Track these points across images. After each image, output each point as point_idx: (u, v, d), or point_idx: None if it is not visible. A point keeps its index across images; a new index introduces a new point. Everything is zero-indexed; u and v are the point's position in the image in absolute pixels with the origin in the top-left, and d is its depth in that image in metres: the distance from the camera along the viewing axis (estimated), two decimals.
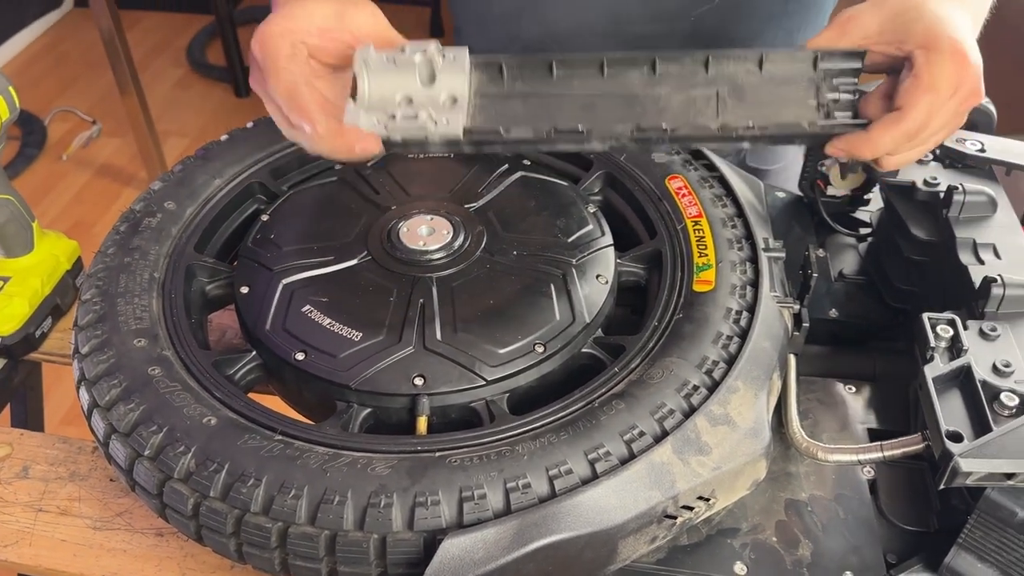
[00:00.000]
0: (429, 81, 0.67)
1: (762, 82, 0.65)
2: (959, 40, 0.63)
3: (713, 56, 0.66)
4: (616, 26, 0.97)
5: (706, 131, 0.64)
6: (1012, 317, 0.67)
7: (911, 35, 0.65)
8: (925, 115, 0.64)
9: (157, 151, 2.72)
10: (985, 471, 0.56)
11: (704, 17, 0.95)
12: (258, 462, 0.61)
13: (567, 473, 0.60)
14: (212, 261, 0.80)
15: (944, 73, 0.63)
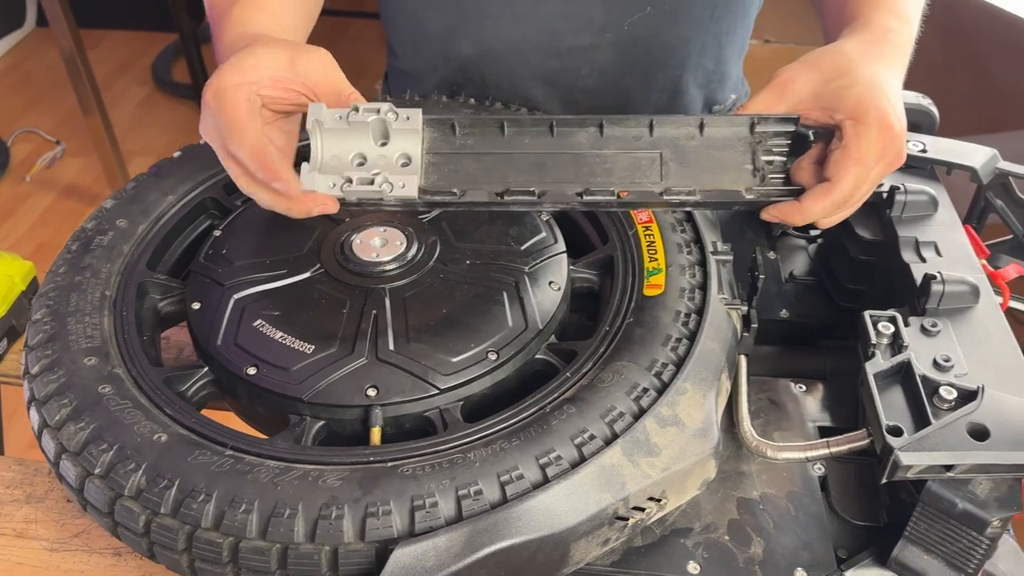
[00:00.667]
0: (383, 141, 0.69)
1: (702, 145, 0.69)
2: (886, 111, 0.67)
3: (656, 120, 0.70)
4: (551, 40, 0.99)
5: (651, 197, 0.67)
6: (952, 313, 0.69)
7: (842, 104, 0.68)
8: (853, 186, 0.68)
9: (122, 171, 2.70)
10: (925, 464, 0.57)
11: (636, 26, 0.97)
12: (208, 477, 0.61)
13: (518, 479, 0.60)
14: (164, 278, 0.80)
15: (871, 146, 0.67)
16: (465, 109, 0.96)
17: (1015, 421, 0.58)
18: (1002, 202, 0.85)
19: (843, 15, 0.78)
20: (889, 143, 0.67)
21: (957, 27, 2.93)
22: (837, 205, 0.69)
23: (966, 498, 0.59)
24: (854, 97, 0.67)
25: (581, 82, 1.02)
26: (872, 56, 0.71)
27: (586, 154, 0.69)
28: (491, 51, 1.01)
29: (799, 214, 0.70)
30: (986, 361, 0.64)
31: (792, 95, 0.70)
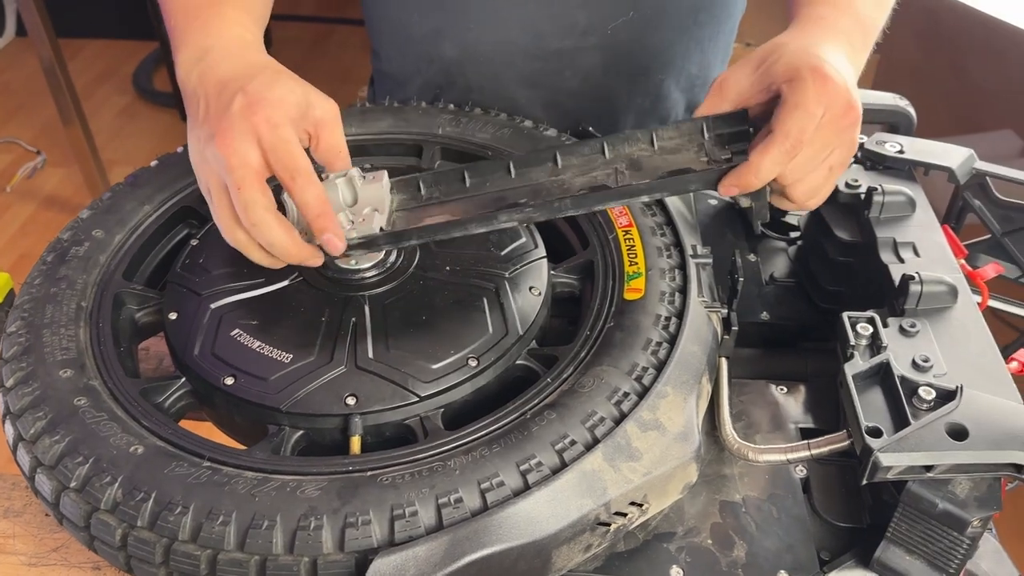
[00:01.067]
0: (352, 201, 0.72)
1: (655, 154, 0.71)
2: (820, 66, 0.66)
3: (608, 141, 0.72)
4: (535, 42, 0.99)
5: (605, 191, 0.68)
6: (931, 313, 0.69)
7: (775, 75, 0.68)
8: (797, 131, 0.66)
9: (103, 180, 2.68)
10: (905, 464, 0.57)
11: (619, 30, 0.98)
12: (185, 489, 0.60)
13: (499, 485, 0.60)
14: (141, 288, 0.79)
15: (808, 92, 0.66)
16: (444, 115, 0.96)
17: (993, 420, 0.58)
18: (979, 202, 0.85)
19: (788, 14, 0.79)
20: (829, 89, 0.66)
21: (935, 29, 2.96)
22: (787, 153, 0.67)
23: (946, 498, 0.59)
24: (784, 64, 0.68)
25: (564, 85, 1.02)
26: (800, 38, 0.71)
27: (544, 182, 0.71)
28: (474, 53, 1.01)
29: (750, 172, 0.68)
30: (965, 361, 0.65)
31: (731, 90, 0.71)
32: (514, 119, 0.96)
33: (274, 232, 0.67)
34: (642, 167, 0.70)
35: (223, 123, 0.66)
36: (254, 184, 0.66)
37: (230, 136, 0.66)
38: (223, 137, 0.66)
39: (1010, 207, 0.85)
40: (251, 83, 0.68)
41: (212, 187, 0.69)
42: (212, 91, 0.70)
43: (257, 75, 0.69)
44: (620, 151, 0.71)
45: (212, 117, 0.68)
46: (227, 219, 0.68)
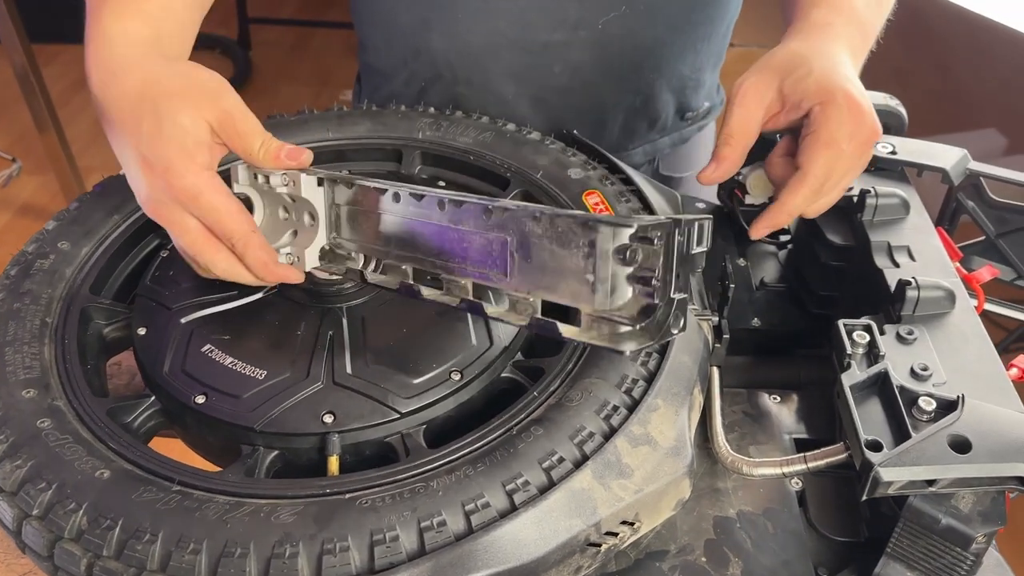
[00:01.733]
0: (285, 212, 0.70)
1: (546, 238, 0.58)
2: (851, 90, 0.67)
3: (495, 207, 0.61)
4: (524, 34, 0.97)
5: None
6: (928, 319, 0.67)
7: (807, 92, 0.67)
8: (826, 169, 0.67)
9: (80, 187, 2.64)
10: (906, 479, 0.55)
11: (611, 24, 0.95)
12: (154, 516, 0.57)
13: (484, 507, 0.57)
14: (109, 302, 0.76)
15: (841, 125, 0.67)
16: (424, 119, 0.93)
17: (996, 431, 0.56)
18: (973, 203, 0.83)
19: (786, 15, 0.79)
20: (860, 119, 0.67)
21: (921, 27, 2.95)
22: (815, 191, 0.68)
23: (949, 513, 0.56)
24: (815, 83, 0.67)
25: (553, 80, 1.00)
26: (817, 48, 0.71)
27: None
28: (462, 45, 0.99)
29: (782, 214, 0.70)
30: (964, 369, 0.63)
31: (755, 101, 0.70)
32: (496, 122, 0.93)
33: (245, 278, 0.68)
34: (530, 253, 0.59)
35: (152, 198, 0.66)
36: (205, 247, 0.66)
37: (162, 213, 0.66)
38: (157, 213, 0.66)
39: (1004, 208, 0.83)
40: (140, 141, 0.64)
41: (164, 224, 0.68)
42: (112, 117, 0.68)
43: (140, 123, 0.64)
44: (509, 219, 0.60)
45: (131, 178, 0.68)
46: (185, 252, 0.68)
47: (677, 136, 1.12)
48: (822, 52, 0.70)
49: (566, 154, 0.88)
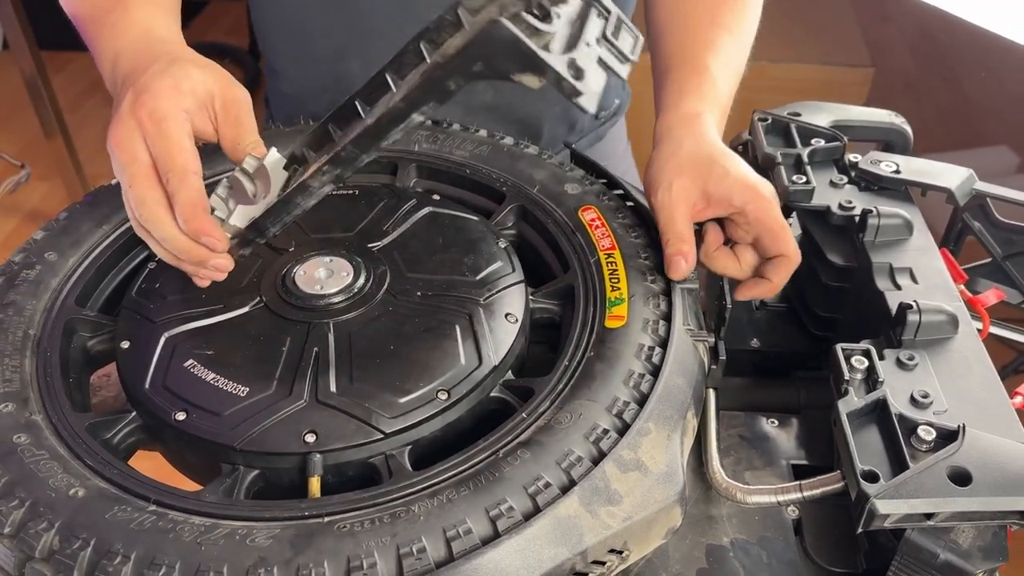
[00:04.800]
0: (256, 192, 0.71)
1: None
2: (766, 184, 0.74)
3: None
4: None
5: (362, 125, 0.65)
6: (930, 344, 0.65)
7: (733, 192, 0.73)
8: (796, 248, 0.74)
9: None
10: (903, 512, 0.53)
11: None
12: (127, 536, 0.55)
13: (466, 533, 0.56)
14: (95, 315, 0.75)
15: (777, 210, 0.74)
16: (421, 131, 0.91)
17: (998, 463, 0.54)
18: (980, 224, 0.81)
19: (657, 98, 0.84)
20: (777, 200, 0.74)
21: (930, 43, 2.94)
22: (794, 268, 0.74)
23: (948, 548, 0.54)
24: (736, 182, 0.73)
25: (478, 99, 1.02)
26: (706, 143, 0.76)
27: None
28: None
29: (772, 289, 0.75)
30: (966, 396, 0.61)
31: (687, 202, 0.74)
32: (493, 136, 0.92)
33: (165, 227, 0.66)
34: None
35: (115, 119, 0.67)
36: (143, 180, 0.65)
37: (118, 133, 0.66)
38: (113, 134, 0.66)
39: (1011, 229, 0.81)
40: (143, 76, 0.67)
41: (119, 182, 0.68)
42: (122, 95, 0.69)
43: (152, 65, 0.68)
44: None
45: (113, 116, 0.68)
46: (129, 215, 0.68)
47: (594, 135, 1.14)
48: (715, 149, 0.76)
49: (563, 169, 0.87)
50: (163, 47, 0.72)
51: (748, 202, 0.73)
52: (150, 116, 0.65)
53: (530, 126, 1.05)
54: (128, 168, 0.65)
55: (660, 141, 0.79)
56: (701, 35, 0.86)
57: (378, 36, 0.97)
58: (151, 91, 0.66)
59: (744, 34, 0.88)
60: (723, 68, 0.84)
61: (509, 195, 0.85)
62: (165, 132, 0.65)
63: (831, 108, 0.86)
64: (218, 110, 0.68)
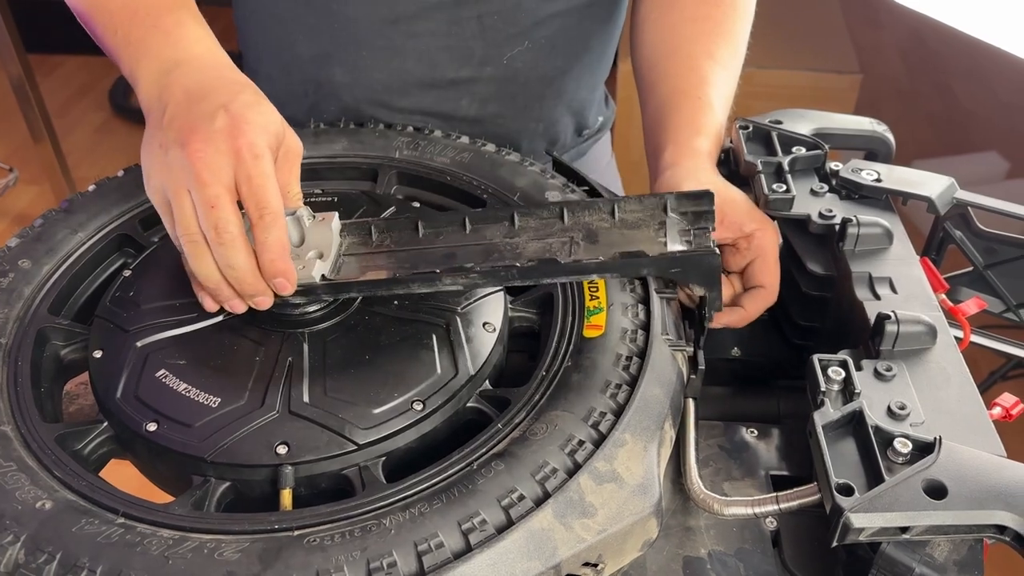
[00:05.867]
0: (298, 242, 0.69)
1: (615, 227, 0.69)
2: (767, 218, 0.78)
3: (568, 207, 0.70)
4: (431, 72, 0.98)
5: (554, 265, 0.65)
6: (908, 355, 0.64)
7: (745, 218, 0.76)
8: (777, 281, 0.77)
9: None
10: (878, 525, 0.53)
11: (515, 60, 0.99)
12: (94, 550, 0.55)
13: (438, 547, 0.55)
14: (68, 323, 0.74)
15: (777, 245, 0.77)
16: (402, 137, 0.91)
17: (974, 476, 0.54)
18: (961, 233, 0.81)
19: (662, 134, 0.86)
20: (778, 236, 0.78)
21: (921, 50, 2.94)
22: (771, 303, 0.77)
23: (923, 562, 0.54)
24: (746, 212, 0.77)
25: (460, 112, 1.02)
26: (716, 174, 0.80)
27: (498, 242, 0.69)
28: (367, 80, 0.99)
29: (745, 319, 0.77)
30: (944, 408, 0.60)
31: None
32: (475, 142, 0.92)
33: (241, 255, 0.65)
34: (598, 239, 0.68)
35: (201, 133, 0.64)
36: (228, 205, 0.64)
37: (208, 151, 0.64)
38: (199, 148, 0.64)
39: (993, 239, 0.80)
40: (235, 102, 0.66)
41: (173, 193, 0.66)
42: (180, 98, 0.68)
43: (240, 94, 0.68)
44: (579, 219, 0.69)
45: (183, 125, 0.66)
46: (188, 228, 0.65)
47: (575, 152, 1.14)
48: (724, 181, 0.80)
49: (545, 176, 0.87)
50: (238, 75, 0.72)
51: (758, 228, 0.76)
52: (249, 148, 0.64)
53: (511, 142, 1.05)
54: (212, 188, 0.63)
55: (668, 168, 0.82)
56: (701, 71, 0.88)
57: (363, 46, 0.97)
58: (250, 123, 0.65)
59: (737, 68, 0.93)
60: (721, 101, 0.87)
61: (490, 202, 0.84)
62: (263, 170, 0.65)
63: (813, 116, 0.86)
64: (281, 155, 0.69)
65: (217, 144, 0.64)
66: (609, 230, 0.68)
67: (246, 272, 0.65)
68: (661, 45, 0.93)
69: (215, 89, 0.69)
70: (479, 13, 0.95)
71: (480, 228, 0.70)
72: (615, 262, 0.65)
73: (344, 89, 1.00)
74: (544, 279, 0.68)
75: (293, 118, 1.01)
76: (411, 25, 0.96)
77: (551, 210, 0.70)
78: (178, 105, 0.68)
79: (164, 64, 0.72)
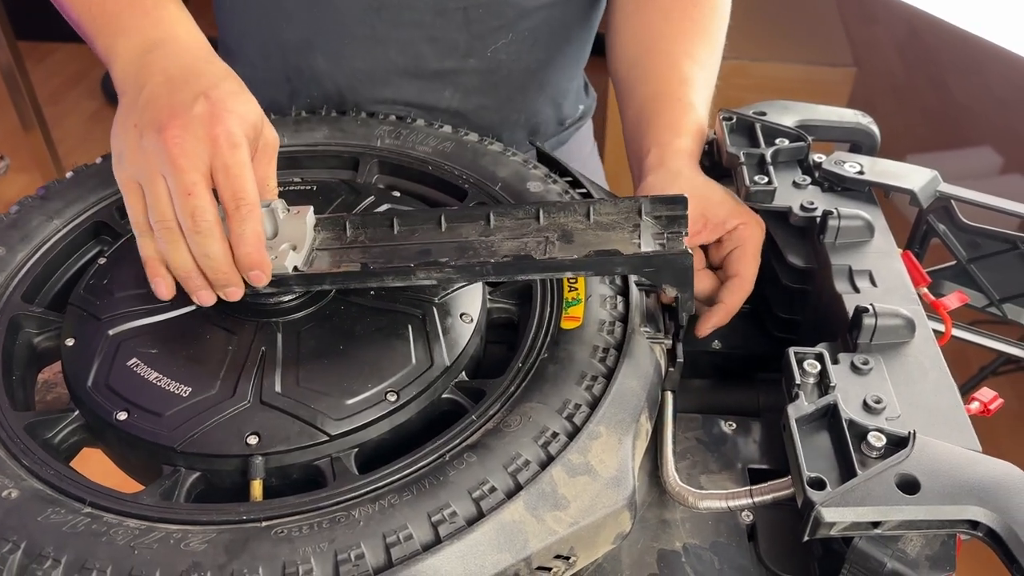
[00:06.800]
0: (271, 235, 0.69)
1: (589, 228, 0.69)
2: (752, 212, 0.78)
3: (544, 207, 0.70)
4: (415, 63, 0.98)
5: (529, 261, 0.65)
6: (886, 349, 0.64)
7: (729, 216, 0.76)
8: (754, 274, 0.77)
9: None
10: (849, 520, 0.52)
11: (498, 52, 0.99)
12: (59, 540, 0.54)
13: (407, 539, 0.54)
14: (41, 311, 0.73)
15: (760, 239, 0.77)
16: (384, 126, 0.90)
17: (947, 471, 0.53)
18: (944, 226, 0.80)
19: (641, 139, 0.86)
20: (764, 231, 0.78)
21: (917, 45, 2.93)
22: (748, 292, 0.77)
23: (895, 557, 0.53)
24: (730, 209, 0.77)
25: (444, 103, 1.01)
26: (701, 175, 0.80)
27: (473, 240, 0.69)
28: (349, 69, 0.98)
29: (726, 313, 0.76)
30: (920, 402, 0.60)
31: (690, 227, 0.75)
32: (458, 131, 0.91)
33: (216, 244, 0.64)
34: (573, 240, 0.68)
35: (180, 119, 0.63)
36: (205, 193, 0.63)
37: (185, 137, 0.63)
38: (177, 134, 0.63)
39: (976, 232, 0.80)
40: (216, 89, 0.66)
41: (147, 179, 0.64)
42: (159, 80, 0.67)
43: (222, 82, 0.67)
44: (554, 219, 0.69)
45: (162, 109, 0.65)
46: (163, 215, 0.64)
47: (556, 140, 1.14)
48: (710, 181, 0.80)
49: (527, 167, 0.86)
50: (216, 62, 0.71)
51: (741, 223, 0.76)
52: (227, 138, 0.63)
53: (493, 132, 1.04)
54: (189, 175, 0.62)
55: (653, 169, 0.81)
56: (681, 72, 0.89)
57: (346, 33, 0.96)
58: (230, 112, 0.65)
59: (715, 67, 0.93)
60: (702, 102, 0.88)
61: (471, 192, 0.83)
62: (241, 160, 0.64)
63: (797, 107, 0.85)
64: (260, 147, 0.68)
65: (195, 130, 0.63)
66: (584, 231, 0.68)
67: (221, 262, 0.64)
68: (639, 43, 0.93)
69: (196, 74, 0.68)
70: (465, 5, 0.94)
71: (456, 226, 0.70)
72: (589, 260, 0.64)
73: (326, 77, 0.99)
74: (518, 275, 0.67)
75: (275, 101, 1.01)
76: (396, 14, 0.95)
77: (527, 210, 0.70)
78: (157, 87, 0.67)
79: (144, 43, 0.71)
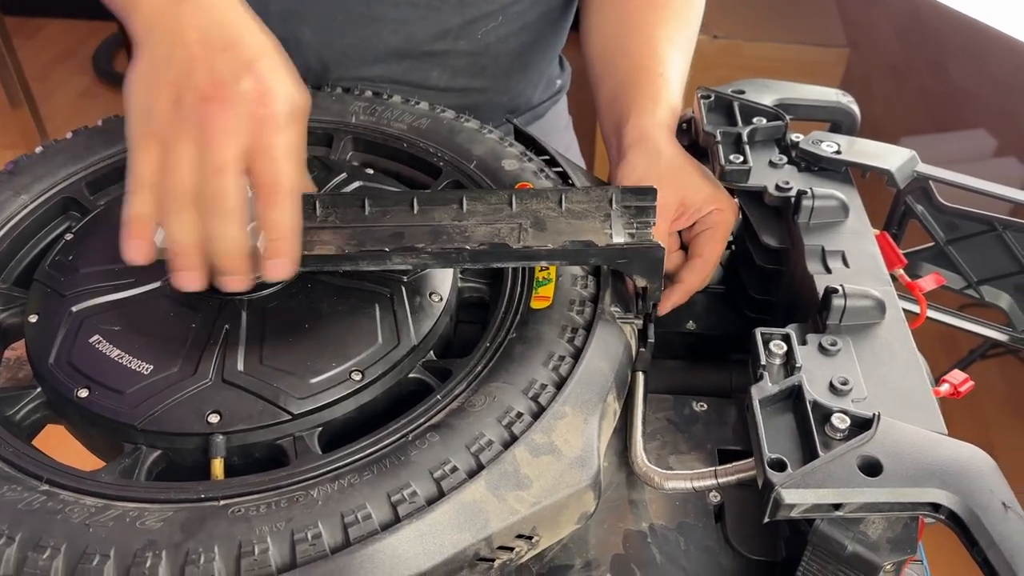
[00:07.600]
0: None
1: (561, 216, 0.69)
2: (727, 194, 0.78)
3: (517, 194, 0.69)
4: (406, 43, 0.97)
5: (506, 249, 0.65)
6: (855, 330, 0.63)
7: (705, 201, 0.76)
8: (717, 255, 0.78)
9: None
10: (810, 502, 0.52)
11: (488, 34, 0.99)
12: (14, 517, 0.54)
13: (365, 519, 0.54)
14: (7, 287, 0.72)
15: (730, 224, 0.78)
16: (359, 102, 0.89)
17: (911, 453, 0.53)
18: (923, 207, 0.80)
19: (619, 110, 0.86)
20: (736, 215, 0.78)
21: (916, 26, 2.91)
22: (709, 272, 0.78)
23: (856, 539, 0.53)
24: (708, 190, 0.77)
25: (430, 83, 1.01)
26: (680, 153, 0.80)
27: (447, 225, 0.68)
28: (338, 44, 0.97)
29: (686, 292, 0.77)
30: (887, 384, 0.59)
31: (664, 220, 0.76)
32: (434, 108, 0.90)
33: (234, 228, 0.60)
34: (546, 227, 0.67)
35: (224, 91, 0.59)
36: (235, 175, 0.59)
37: (229, 114, 0.59)
38: (221, 109, 0.59)
39: (955, 214, 0.79)
40: (259, 63, 0.61)
41: (174, 141, 0.59)
42: (195, 38, 0.61)
43: (266, 55, 0.62)
44: (527, 206, 0.69)
45: (201, 73, 0.60)
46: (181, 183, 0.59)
47: (531, 115, 1.15)
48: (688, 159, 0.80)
49: (503, 144, 0.85)
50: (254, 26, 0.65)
51: (715, 210, 0.77)
52: (273, 122, 0.60)
53: (475, 111, 1.03)
54: (224, 151, 0.59)
55: (633, 146, 0.81)
56: (660, 53, 0.88)
57: (341, 9, 0.95)
58: (277, 95, 0.61)
59: (690, 55, 0.93)
60: (679, 81, 0.88)
61: (445, 170, 0.82)
62: (285, 143, 0.61)
63: (777, 86, 0.84)
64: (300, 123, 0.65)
65: (239, 108, 0.59)
66: (556, 219, 0.68)
67: (235, 247, 0.61)
68: (617, 22, 0.93)
69: (237, 39, 0.63)
70: None
71: (428, 209, 0.69)
72: (565, 250, 0.64)
73: (311, 49, 0.98)
74: (494, 263, 0.67)
75: None
76: None
77: (499, 196, 0.69)
78: (194, 46, 0.61)
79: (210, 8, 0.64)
